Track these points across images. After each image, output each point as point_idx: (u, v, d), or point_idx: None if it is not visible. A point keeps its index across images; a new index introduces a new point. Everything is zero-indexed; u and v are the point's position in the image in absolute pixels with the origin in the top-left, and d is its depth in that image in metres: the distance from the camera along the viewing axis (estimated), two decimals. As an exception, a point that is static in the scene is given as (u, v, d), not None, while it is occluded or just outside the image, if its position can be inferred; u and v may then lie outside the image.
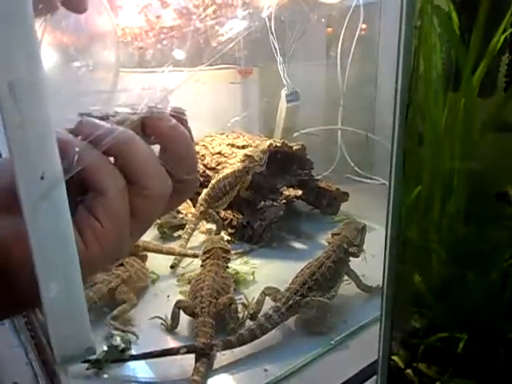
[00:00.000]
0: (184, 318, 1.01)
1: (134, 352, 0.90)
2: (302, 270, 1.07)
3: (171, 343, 0.97)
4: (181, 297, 1.09)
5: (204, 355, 0.86)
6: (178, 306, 1.00)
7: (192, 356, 0.87)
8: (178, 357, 0.87)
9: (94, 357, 0.83)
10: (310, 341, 0.96)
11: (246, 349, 0.92)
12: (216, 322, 0.96)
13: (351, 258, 1.12)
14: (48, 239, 0.39)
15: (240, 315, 1.02)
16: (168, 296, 1.14)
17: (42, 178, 0.35)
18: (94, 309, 1.02)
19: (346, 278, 1.12)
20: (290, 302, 0.97)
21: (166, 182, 0.36)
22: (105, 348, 0.86)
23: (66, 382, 0.55)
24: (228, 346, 0.89)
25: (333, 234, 1.17)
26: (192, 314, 0.99)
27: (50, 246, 0.39)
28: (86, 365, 0.85)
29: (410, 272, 0.76)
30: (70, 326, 0.43)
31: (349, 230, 1.16)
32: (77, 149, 0.34)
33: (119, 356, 0.86)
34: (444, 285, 0.74)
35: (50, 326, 0.41)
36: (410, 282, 0.76)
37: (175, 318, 1.00)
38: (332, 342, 0.94)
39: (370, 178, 1.97)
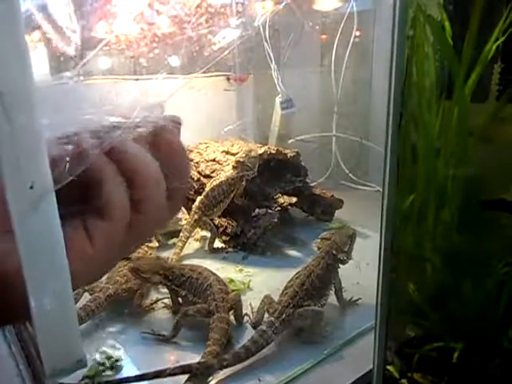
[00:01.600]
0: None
1: (124, 367, 0.89)
2: (292, 279, 1.05)
3: (165, 355, 0.96)
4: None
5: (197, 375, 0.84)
6: (187, 314, 0.99)
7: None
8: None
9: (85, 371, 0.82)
10: (305, 350, 0.95)
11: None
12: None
13: (346, 266, 1.11)
14: (37, 250, 0.38)
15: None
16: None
17: (31, 187, 0.35)
18: (91, 318, 1.02)
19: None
20: (284, 316, 0.95)
21: (164, 207, 0.36)
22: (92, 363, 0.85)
23: (56, 395, 0.54)
24: (224, 365, 0.87)
25: (322, 239, 1.14)
26: (206, 315, 0.98)
27: (40, 257, 0.38)
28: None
29: (405, 280, 0.76)
30: (59, 337, 0.43)
31: (339, 236, 1.13)
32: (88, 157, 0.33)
33: (109, 367, 0.85)
34: (439, 294, 0.73)
35: (39, 338, 0.40)
36: (404, 291, 0.76)
37: (178, 327, 0.99)
38: (325, 353, 0.93)
39: (365, 185, 1.97)
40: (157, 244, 1.46)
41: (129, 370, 0.90)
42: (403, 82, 0.63)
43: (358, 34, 1.90)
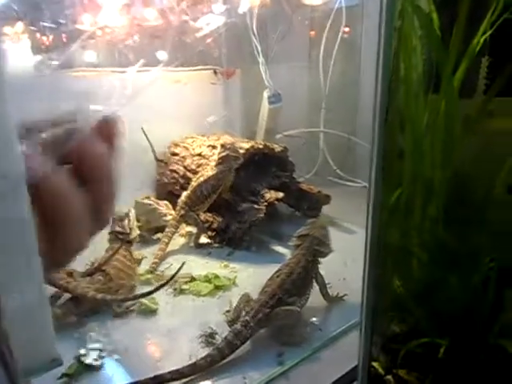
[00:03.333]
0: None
1: (105, 364, 0.88)
2: (272, 277, 1.02)
3: (146, 352, 0.95)
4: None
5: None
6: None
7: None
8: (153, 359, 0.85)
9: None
10: (285, 351, 0.93)
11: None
12: None
13: (332, 262, 1.10)
14: (7, 242, 0.37)
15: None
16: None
17: (3, 177, 0.33)
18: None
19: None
20: (260, 316, 0.92)
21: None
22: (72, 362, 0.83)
23: (29, 396, 0.52)
24: (197, 369, 0.84)
25: (299, 236, 1.10)
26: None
27: (10, 249, 0.36)
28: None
29: (391, 276, 0.75)
30: (32, 335, 0.41)
31: (316, 230, 1.09)
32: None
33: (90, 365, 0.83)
34: (425, 289, 0.73)
35: (11, 336, 0.38)
36: (390, 286, 0.75)
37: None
38: (305, 355, 0.91)
39: (352, 181, 1.97)
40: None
41: (109, 368, 0.88)
42: (390, 75, 0.62)
43: (346, 29, 1.89)
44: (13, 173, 0.33)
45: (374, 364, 0.75)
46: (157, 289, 0.99)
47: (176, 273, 1.05)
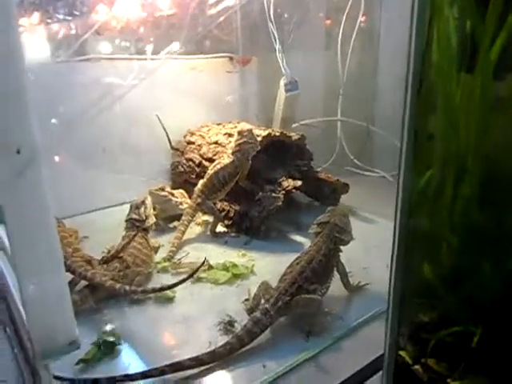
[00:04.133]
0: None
1: (122, 351, 0.87)
2: (291, 265, 0.99)
3: (163, 339, 0.93)
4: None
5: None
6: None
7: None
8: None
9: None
10: (305, 340, 0.90)
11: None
12: None
13: (353, 250, 1.07)
14: (26, 220, 0.35)
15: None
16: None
17: (18, 152, 0.32)
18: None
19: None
20: (279, 304, 0.90)
21: None
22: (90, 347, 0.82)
23: (48, 379, 0.51)
24: (216, 357, 0.82)
25: (319, 224, 1.07)
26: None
27: (28, 229, 0.35)
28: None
29: (419, 261, 0.72)
30: (50, 317, 0.39)
31: (337, 217, 1.06)
32: None
33: (107, 352, 0.82)
34: (456, 275, 0.69)
35: (28, 318, 0.36)
36: (419, 273, 0.72)
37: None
38: (327, 344, 0.89)
39: (370, 171, 1.93)
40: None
41: (126, 355, 0.87)
42: (423, 49, 0.59)
43: (364, 17, 1.85)
44: (28, 148, 0.31)
45: (401, 353, 0.72)
46: (176, 284, 0.98)
47: (197, 268, 1.03)
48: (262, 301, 0.96)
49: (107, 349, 0.84)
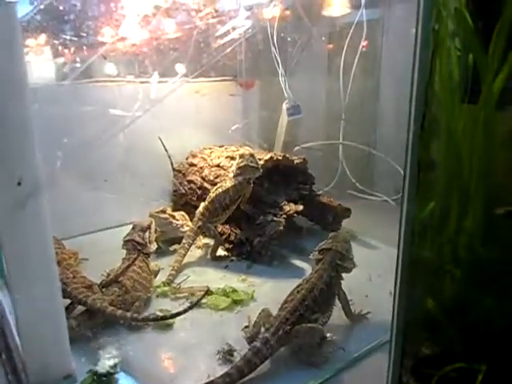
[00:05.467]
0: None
1: (119, 380, 0.84)
2: (292, 293, 0.97)
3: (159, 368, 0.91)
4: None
5: None
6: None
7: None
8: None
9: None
10: (306, 371, 0.88)
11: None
12: None
13: (355, 278, 1.06)
14: (25, 252, 0.34)
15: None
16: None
17: (19, 184, 0.32)
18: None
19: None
20: (280, 333, 0.88)
21: None
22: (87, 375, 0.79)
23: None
24: None
25: (321, 250, 1.05)
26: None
27: (27, 260, 0.34)
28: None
29: (422, 294, 0.71)
30: (46, 350, 0.39)
31: (339, 244, 1.04)
32: None
33: (103, 381, 0.80)
34: (459, 308, 0.68)
35: (23, 348, 0.35)
36: (421, 305, 0.71)
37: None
38: (327, 376, 0.87)
39: (372, 194, 1.92)
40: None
41: (125, 382, 0.85)
42: (427, 81, 0.59)
43: (365, 43, 1.88)
44: (30, 179, 0.31)
45: (404, 388, 0.70)
46: (177, 314, 0.97)
47: (200, 299, 1.02)
48: (262, 329, 0.94)
49: (103, 377, 0.82)
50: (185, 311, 0.97)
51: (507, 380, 0.61)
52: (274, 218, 1.35)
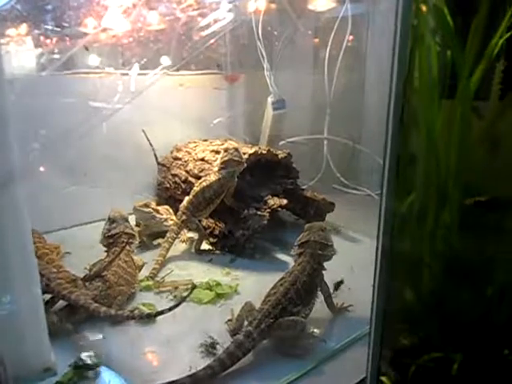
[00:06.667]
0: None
1: (102, 373, 0.84)
2: (275, 286, 0.98)
3: (142, 362, 0.92)
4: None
5: None
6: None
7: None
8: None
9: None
10: (286, 364, 0.89)
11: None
12: None
13: (337, 271, 1.07)
14: (1, 243, 0.34)
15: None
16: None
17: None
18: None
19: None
20: (262, 326, 0.89)
21: None
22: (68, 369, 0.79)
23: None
24: (197, 381, 0.80)
25: (300, 244, 1.06)
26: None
27: (4, 252, 0.34)
28: None
29: (401, 286, 0.72)
30: (25, 342, 0.38)
31: (316, 234, 1.05)
32: None
33: (85, 375, 0.80)
34: (436, 300, 0.70)
35: (1, 342, 0.35)
36: (400, 297, 0.72)
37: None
38: (308, 368, 0.88)
39: (356, 189, 1.94)
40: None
41: (105, 377, 0.85)
42: (405, 76, 0.60)
43: (350, 38, 1.88)
44: (3, 168, 0.31)
45: (383, 378, 0.71)
46: (162, 312, 0.96)
47: (186, 296, 1.00)
48: (245, 322, 0.95)
49: (84, 371, 0.82)
50: (170, 309, 0.96)
51: (481, 368, 0.63)
52: (258, 212, 1.35)
